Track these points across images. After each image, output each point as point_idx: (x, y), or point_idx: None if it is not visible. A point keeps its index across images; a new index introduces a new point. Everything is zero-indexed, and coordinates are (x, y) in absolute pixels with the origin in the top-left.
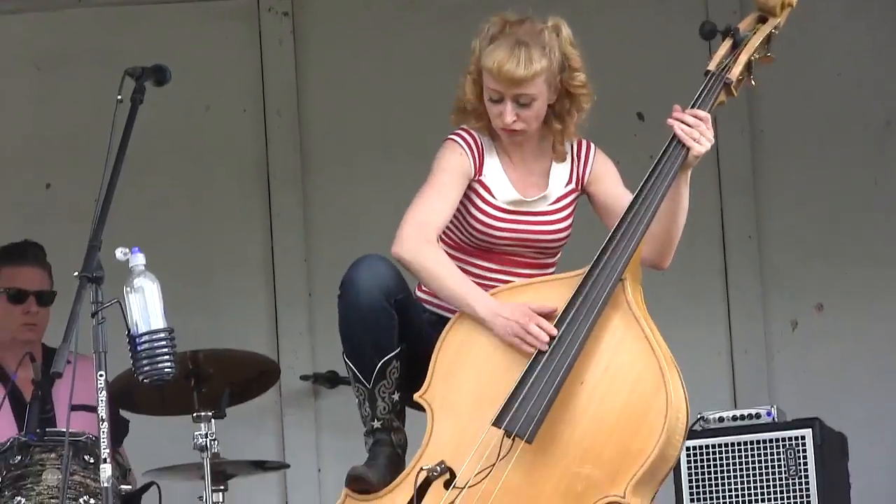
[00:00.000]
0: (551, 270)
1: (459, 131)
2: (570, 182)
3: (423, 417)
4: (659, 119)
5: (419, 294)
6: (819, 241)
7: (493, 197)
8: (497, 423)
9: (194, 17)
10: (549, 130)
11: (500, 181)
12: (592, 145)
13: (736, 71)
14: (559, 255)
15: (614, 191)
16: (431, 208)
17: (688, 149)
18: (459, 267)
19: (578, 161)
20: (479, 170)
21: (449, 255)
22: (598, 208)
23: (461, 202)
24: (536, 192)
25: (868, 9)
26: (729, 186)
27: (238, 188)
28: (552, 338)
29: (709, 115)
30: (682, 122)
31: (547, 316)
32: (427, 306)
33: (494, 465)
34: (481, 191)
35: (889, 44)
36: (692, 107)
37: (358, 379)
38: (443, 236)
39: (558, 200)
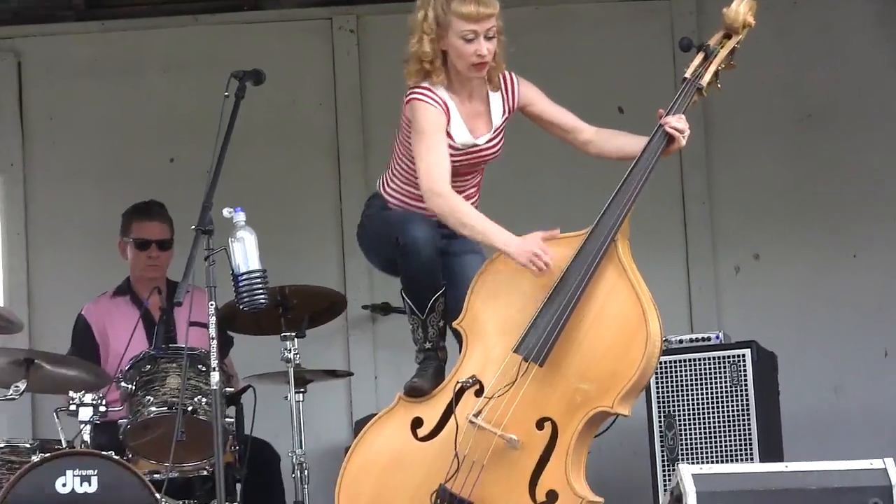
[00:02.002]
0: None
1: (425, 92)
2: (504, 113)
3: None
4: (635, 111)
5: (384, 194)
6: (757, 206)
7: (453, 141)
8: (517, 350)
9: (283, 33)
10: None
11: (458, 127)
12: (513, 74)
13: (707, 78)
14: None
15: (548, 108)
16: (442, 165)
17: (670, 139)
18: (416, 198)
19: (507, 92)
20: (447, 121)
21: (406, 192)
22: (540, 124)
23: None
24: (484, 131)
25: (792, 31)
26: (688, 164)
27: (315, 162)
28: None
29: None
30: (675, 126)
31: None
32: (391, 203)
33: (515, 381)
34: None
35: (808, 59)
36: (672, 105)
37: (413, 311)
38: (404, 167)
39: (497, 131)
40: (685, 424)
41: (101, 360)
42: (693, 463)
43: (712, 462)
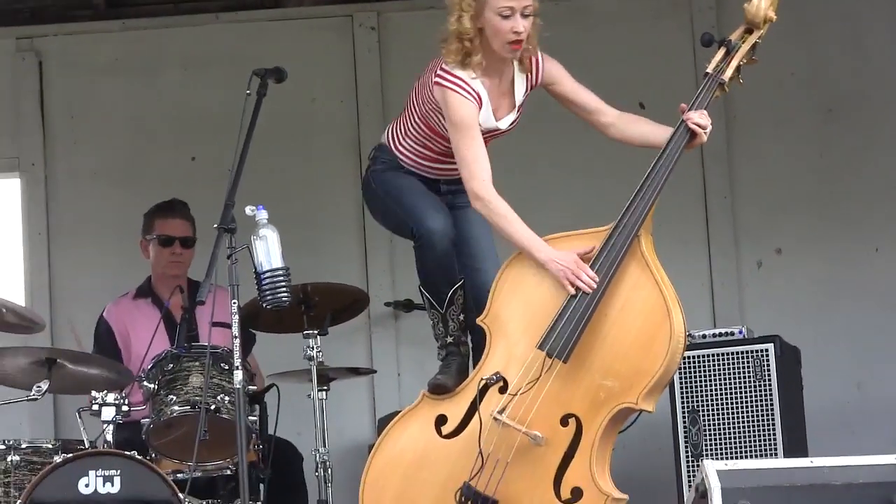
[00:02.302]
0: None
1: (459, 83)
2: (526, 90)
3: None
4: (657, 107)
5: (396, 151)
6: (778, 201)
7: (480, 125)
8: (541, 346)
9: (304, 31)
10: None
11: (485, 112)
12: (538, 51)
13: (728, 73)
14: None
15: (572, 87)
16: (484, 164)
17: (693, 134)
18: (429, 160)
19: (532, 69)
20: (479, 111)
21: (419, 153)
22: (563, 103)
23: None
24: (506, 111)
25: (813, 25)
26: (709, 159)
27: (337, 159)
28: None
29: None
30: (697, 122)
31: (584, 258)
32: (403, 160)
33: (539, 378)
34: None
35: (829, 53)
36: (694, 101)
37: (433, 305)
38: (420, 130)
39: (518, 110)
40: (709, 420)
41: (124, 361)
42: (717, 458)
43: (737, 458)
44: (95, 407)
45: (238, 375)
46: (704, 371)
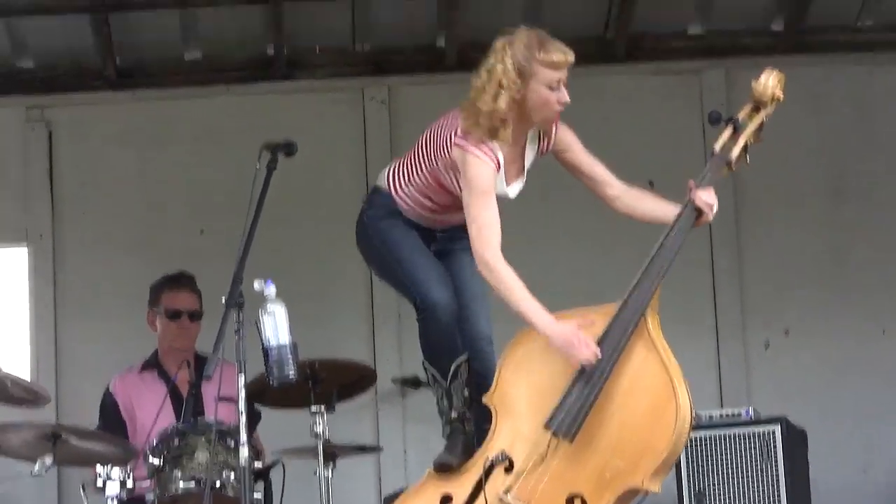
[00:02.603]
0: None
1: (485, 149)
2: (536, 156)
3: None
4: (665, 184)
5: (396, 196)
6: (786, 281)
7: None
8: (547, 425)
9: (315, 104)
10: None
11: (499, 179)
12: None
13: (736, 152)
14: None
15: (582, 157)
16: (495, 230)
17: (699, 212)
18: (429, 210)
19: (545, 134)
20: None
21: (420, 203)
22: (570, 170)
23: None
24: (515, 177)
25: (822, 106)
26: (718, 236)
27: (346, 234)
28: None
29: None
30: (704, 200)
31: (587, 333)
32: (401, 204)
33: (545, 457)
34: None
35: (838, 133)
36: (702, 179)
37: (437, 379)
38: (425, 180)
39: (526, 177)
40: (715, 501)
41: (129, 435)
42: None
43: None
44: (100, 482)
45: (244, 452)
46: (711, 452)
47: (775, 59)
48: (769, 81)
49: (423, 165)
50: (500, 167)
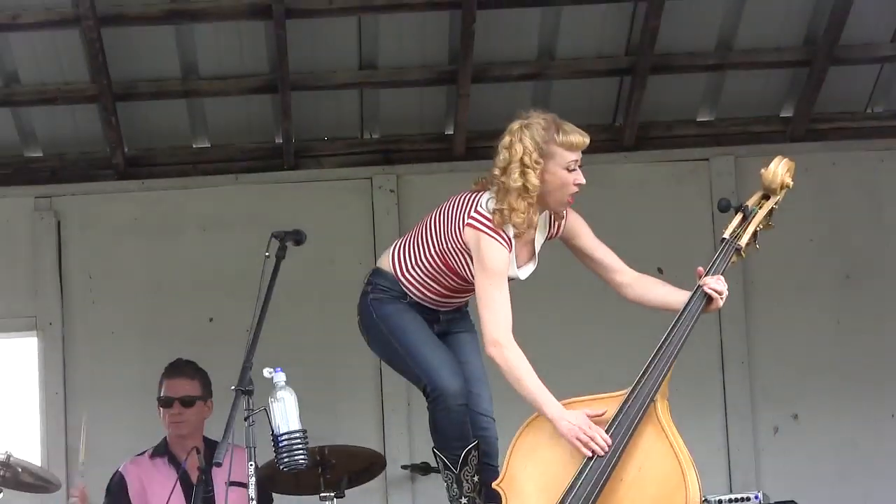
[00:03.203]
0: None
1: (500, 233)
2: (545, 240)
3: None
4: (675, 271)
5: (402, 278)
6: (796, 366)
7: None
8: None
9: (323, 193)
10: None
11: (511, 261)
12: None
13: (745, 239)
14: None
15: (591, 244)
16: (507, 314)
17: (709, 299)
18: (436, 293)
19: (554, 219)
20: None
21: (428, 286)
22: (579, 257)
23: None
24: (525, 260)
25: (831, 192)
26: (727, 323)
27: (355, 321)
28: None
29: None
30: (714, 287)
31: (596, 421)
32: (407, 286)
33: None
34: None
35: (847, 220)
36: (711, 266)
37: (447, 466)
38: (434, 265)
39: (536, 260)
40: None
41: None
42: None
43: None
44: None
45: None
46: None
47: (785, 146)
48: (779, 169)
49: (431, 248)
50: (511, 249)
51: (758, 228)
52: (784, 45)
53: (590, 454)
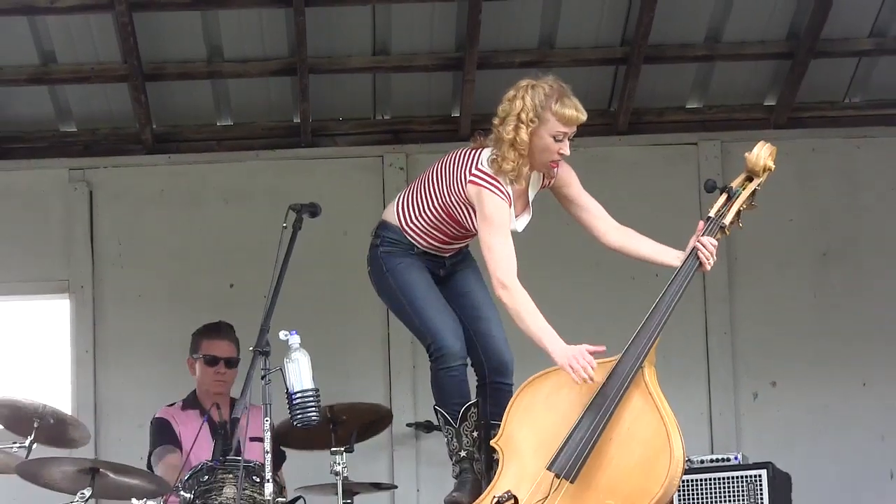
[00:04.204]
0: None
1: (498, 185)
2: (538, 190)
3: None
4: None
5: (407, 229)
6: (774, 337)
7: None
8: (550, 467)
9: (337, 169)
10: None
11: (511, 217)
12: None
13: (729, 217)
14: None
15: (579, 193)
16: (511, 259)
17: (700, 264)
18: (439, 241)
19: (547, 174)
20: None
21: (431, 234)
22: (566, 206)
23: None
24: (521, 210)
25: (810, 176)
26: (711, 296)
27: (366, 290)
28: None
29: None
30: (704, 246)
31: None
32: (411, 235)
33: (547, 496)
34: None
35: (826, 202)
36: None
37: (448, 422)
38: (437, 215)
39: (531, 210)
40: None
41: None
42: None
43: None
44: None
45: (269, 488)
46: (702, 494)
47: (768, 132)
48: (762, 153)
49: (435, 200)
50: (511, 203)
51: (741, 208)
52: (769, 39)
53: (582, 411)
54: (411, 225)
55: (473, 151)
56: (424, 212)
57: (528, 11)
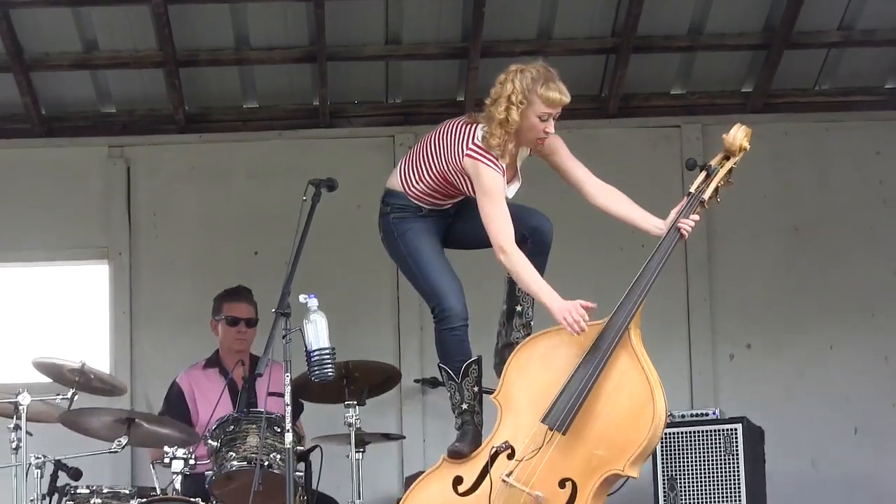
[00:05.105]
0: None
1: (492, 158)
2: (526, 156)
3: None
4: None
5: (409, 192)
6: (750, 304)
7: None
8: (544, 420)
9: (352, 148)
10: None
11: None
12: None
13: (708, 192)
14: None
15: (566, 160)
16: (509, 224)
17: (681, 236)
18: (438, 198)
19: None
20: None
21: (431, 194)
22: (556, 170)
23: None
24: (511, 177)
25: (783, 157)
26: (692, 266)
27: (377, 258)
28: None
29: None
30: (688, 225)
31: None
32: (413, 195)
33: (541, 447)
34: None
35: (797, 181)
36: (681, 213)
37: (451, 377)
38: (437, 179)
39: (520, 177)
40: (685, 486)
41: (192, 420)
42: None
43: None
44: (167, 460)
45: (288, 437)
46: (682, 445)
47: (744, 116)
48: (738, 134)
49: (433, 167)
50: (504, 174)
51: (719, 185)
52: (746, 31)
53: (573, 370)
54: (413, 189)
55: (467, 126)
56: (423, 177)
57: (527, 5)
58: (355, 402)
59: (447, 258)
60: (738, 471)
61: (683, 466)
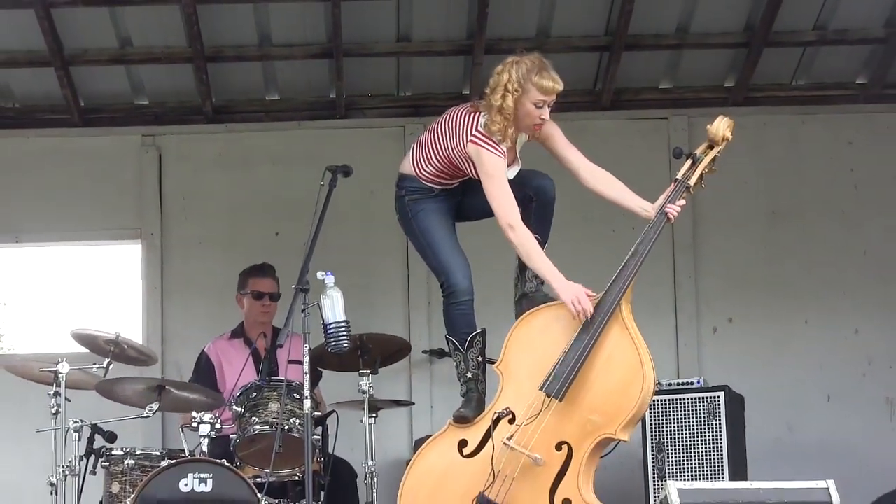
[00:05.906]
0: None
1: (494, 143)
2: (527, 140)
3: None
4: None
5: (420, 175)
6: (732, 281)
7: None
8: (542, 388)
9: (367, 137)
10: None
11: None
12: None
13: (693, 179)
14: None
15: (561, 143)
16: (513, 204)
17: (668, 220)
18: (446, 178)
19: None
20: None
21: (439, 175)
22: (552, 155)
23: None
24: (511, 160)
25: (762, 146)
26: (679, 247)
27: (389, 238)
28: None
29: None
30: (674, 209)
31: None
32: (424, 177)
33: (539, 412)
34: None
35: (775, 169)
36: (669, 198)
37: (457, 348)
38: (444, 162)
39: (519, 157)
40: (671, 449)
41: (218, 387)
42: (678, 480)
43: (692, 479)
44: (194, 424)
45: (307, 403)
46: (669, 411)
47: (727, 109)
48: (721, 125)
49: (439, 153)
50: (504, 157)
51: (704, 172)
52: (729, 31)
53: (570, 341)
54: (424, 172)
55: (471, 114)
56: (432, 160)
57: (528, 5)
58: (369, 372)
59: (457, 238)
60: (720, 435)
61: (670, 431)
